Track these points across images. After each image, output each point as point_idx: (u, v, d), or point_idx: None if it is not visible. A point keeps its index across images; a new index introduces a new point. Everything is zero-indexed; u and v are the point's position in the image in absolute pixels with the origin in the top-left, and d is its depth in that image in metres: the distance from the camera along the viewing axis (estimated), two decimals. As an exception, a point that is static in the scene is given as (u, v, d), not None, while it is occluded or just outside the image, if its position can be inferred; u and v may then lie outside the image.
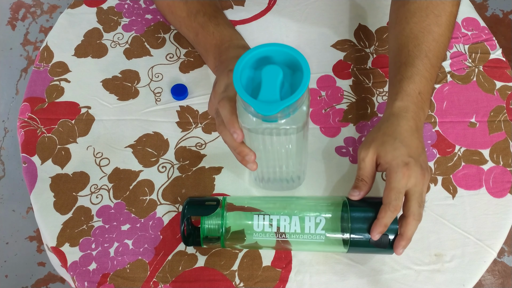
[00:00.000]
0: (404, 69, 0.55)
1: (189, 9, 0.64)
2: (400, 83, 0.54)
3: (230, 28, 0.63)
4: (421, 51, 0.56)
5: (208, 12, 0.64)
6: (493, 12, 1.61)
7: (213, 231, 0.55)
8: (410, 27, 0.57)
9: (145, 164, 0.66)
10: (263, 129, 0.47)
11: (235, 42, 0.61)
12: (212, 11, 0.64)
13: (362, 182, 0.53)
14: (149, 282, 0.59)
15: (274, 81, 0.43)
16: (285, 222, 0.54)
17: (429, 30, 0.56)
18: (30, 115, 0.69)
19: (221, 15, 0.65)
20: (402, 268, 0.59)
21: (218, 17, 0.63)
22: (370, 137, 0.54)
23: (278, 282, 0.59)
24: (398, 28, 0.58)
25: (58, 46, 0.75)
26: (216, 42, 0.61)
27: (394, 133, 0.52)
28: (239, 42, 0.61)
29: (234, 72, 0.43)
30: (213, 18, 0.63)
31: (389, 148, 0.51)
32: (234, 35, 0.62)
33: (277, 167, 0.57)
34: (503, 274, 1.26)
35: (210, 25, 0.62)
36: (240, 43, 0.61)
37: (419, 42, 0.56)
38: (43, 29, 1.60)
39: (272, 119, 0.45)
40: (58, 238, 0.61)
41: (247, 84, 0.45)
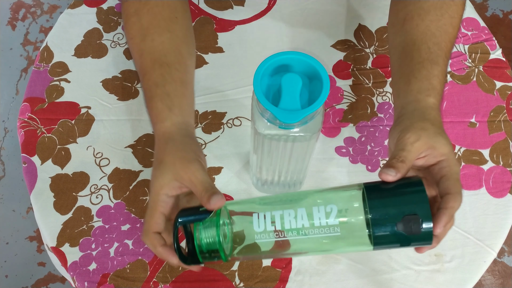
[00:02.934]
0: (429, 65, 0.53)
1: (141, 66, 0.55)
2: (430, 79, 0.52)
3: (163, 105, 0.52)
4: (441, 50, 0.54)
5: (152, 77, 0.53)
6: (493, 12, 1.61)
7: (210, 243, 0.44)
8: (426, 24, 0.55)
9: (145, 164, 0.66)
10: (279, 136, 0.47)
11: (160, 133, 0.51)
12: (157, 76, 0.53)
13: (402, 164, 0.45)
14: (149, 282, 0.59)
15: (294, 90, 0.44)
16: (290, 216, 0.44)
17: (446, 31, 0.55)
18: (30, 115, 0.69)
19: (165, 80, 0.53)
20: (402, 268, 0.59)
21: (159, 85, 0.53)
22: (414, 123, 0.48)
23: (278, 282, 0.59)
24: (410, 24, 0.56)
25: (58, 46, 0.75)
26: (151, 118, 0.54)
27: (442, 127, 0.49)
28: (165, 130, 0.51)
29: (255, 79, 0.44)
30: (153, 87, 0.53)
31: (444, 142, 0.47)
32: (163, 117, 0.51)
33: (282, 171, 0.57)
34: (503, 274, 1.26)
35: (147, 96, 0.54)
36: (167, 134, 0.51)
37: (438, 40, 0.54)
38: (43, 29, 1.60)
39: (289, 127, 0.45)
40: (58, 238, 0.61)
41: (267, 91, 0.45)
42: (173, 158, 0.47)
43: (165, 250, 0.47)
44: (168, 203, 0.47)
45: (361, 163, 0.66)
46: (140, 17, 0.56)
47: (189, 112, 0.54)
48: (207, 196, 0.43)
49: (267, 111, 0.44)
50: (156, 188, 0.47)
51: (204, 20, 0.77)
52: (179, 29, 0.57)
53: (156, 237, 0.47)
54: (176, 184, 0.47)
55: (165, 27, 0.56)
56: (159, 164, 0.48)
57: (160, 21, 0.56)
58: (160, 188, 0.47)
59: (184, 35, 0.58)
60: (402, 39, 0.56)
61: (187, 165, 0.46)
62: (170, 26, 0.56)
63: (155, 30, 0.55)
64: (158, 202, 0.47)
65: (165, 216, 0.48)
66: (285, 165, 0.55)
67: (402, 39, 0.57)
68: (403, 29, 0.57)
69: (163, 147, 0.49)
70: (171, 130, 0.50)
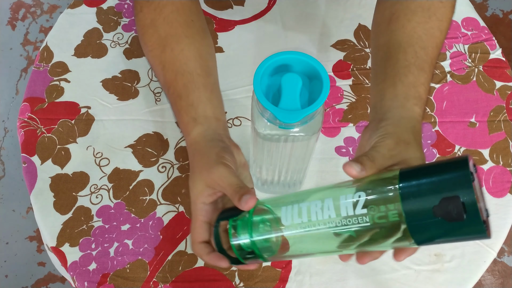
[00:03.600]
0: (416, 72, 0.51)
1: (164, 79, 0.56)
2: (416, 87, 0.50)
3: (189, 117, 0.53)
4: (428, 55, 0.52)
5: (176, 89, 0.55)
6: (493, 12, 1.61)
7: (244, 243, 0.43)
8: (413, 26, 0.53)
9: (145, 164, 0.66)
10: (279, 136, 0.47)
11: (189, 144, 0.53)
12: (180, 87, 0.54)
13: (371, 163, 0.41)
14: (149, 282, 0.59)
15: (294, 89, 0.44)
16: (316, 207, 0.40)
17: (432, 34, 0.53)
18: (30, 115, 0.69)
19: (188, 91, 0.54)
20: (402, 268, 0.59)
21: (183, 97, 0.54)
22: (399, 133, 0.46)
23: (278, 282, 0.59)
24: (395, 24, 0.54)
25: (58, 46, 0.75)
26: (182, 130, 0.55)
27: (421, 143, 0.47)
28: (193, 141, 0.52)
29: (255, 79, 0.44)
30: (178, 100, 0.54)
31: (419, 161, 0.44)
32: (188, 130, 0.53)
33: (282, 171, 0.57)
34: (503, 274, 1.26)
35: (173, 108, 0.56)
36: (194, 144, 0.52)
37: (425, 45, 0.52)
38: (43, 29, 1.60)
39: (289, 126, 0.45)
40: (58, 238, 0.61)
41: (266, 91, 0.45)
42: (199, 167, 0.49)
43: (212, 257, 0.47)
44: (207, 211, 0.48)
45: (361, 163, 0.66)
46: (157, 27, 0.56)
47: (217, 114, 0.54)
48: (238, 197, 0.43)
49: (267, 111, 0.44)
50: (193, 198, 0.49)
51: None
52: (196, 32, 0.57)
53: (201, 246, 0.48)
54: (209, 191, 0.48)
55: (182, 33, 0.56)
56: (191, 175, 0.50)
57: (177, 28, 0.56)
58: (196, 198, 0.48)
59: (201, 37, 0.58)
60: (387, 39, 0.54)
61: (212, 171, 0.47)
62: (187, 31, 0.56)
63: (173, 39, 0.55)
64: (197, 212, 0.48)
65: (208, 223, 0.48)
66: (285, 165, 0.55)
67: (387, 39, 0.55)
68: (389, 29, 0.55)
69: (192, 158, 0.51)
70: (197, 140, 0.52)
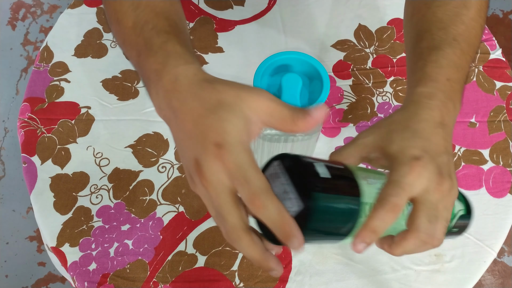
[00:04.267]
0: (427, 53, 0.45)
1: (137, 18, 0.44)
2: (423, 68, 0.44)
3: (183, 48, 0.40)
4: (447, 34, 0.46)
5: (158, 26, 0.42)
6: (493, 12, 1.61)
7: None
8: (432, 11, 0.48)
9: (145, 164, 0.66)
10: (279, 136, 0.47)
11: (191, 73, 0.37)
12: (164, 25, 0.43)
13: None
14: (149, 282, 0.59)
15: (294, 90, 0.44)
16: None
17: (456, 13, 0.47)
18: (30, 115, 0.69)
19: (176, 31, 0.43)
20: (402, 268, 0.59)
21: (171, 33, 0.42)
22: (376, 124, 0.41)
23: (278, 282, 0.59)
24: (417, 17, 0.50)
25: (58, 46, 0.75)
26: (157, 67, 0.39)
27: (407, 121, 0.39)
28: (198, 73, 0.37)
29: (255, 79, 0.43)
30: (163, 33, 0.42)
31: (396, 138, 0.38)
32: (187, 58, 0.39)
33: None
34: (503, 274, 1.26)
35: (155, 41, 0.41)
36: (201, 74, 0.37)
37: (445, 25, 0.46)
38: (43, 29, 1.60)
39: None
40: (58, 238, 0.61)
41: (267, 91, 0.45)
42: (235, 92, 0.34)
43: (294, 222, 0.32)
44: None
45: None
46: None
47: None
48: (302, 115, 0.33)
49: None
50: (236, 136, 0.32)
51: (204, 20, 0.77)
52: (178, 3, 0.48)
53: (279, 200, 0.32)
54: (253, 125, 0.34)
55: None
56: (218, 106, 0.33)
57: None
58: (241, 134, 0.33)
59: (180, 6, 0.49)
60: (411, 35, 0.50)
61: (257, 92, 0.34)
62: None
63: None
64: (250, 152, 0.33)
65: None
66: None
67: (411, 35, 0.50)
68: (411, 24, 0.51)
69: (209, 86, 0.35)
70: (205, 73, 0.38)
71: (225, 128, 0.32)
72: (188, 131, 0.35)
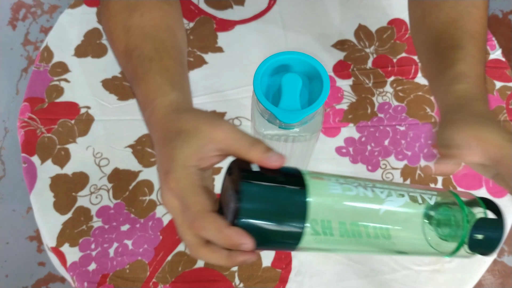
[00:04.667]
0: (451, 52, 0.47)
1: (127, 42, 0.46)
2: (453, 67, 0.45)
3: (162, 78, 0.42)
4: (465, 32, 0.48)
5: (144, 52, 0.44)
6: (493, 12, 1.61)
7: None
8: (446, 12, 0.50)
9: (145, 164, 0.66)
10: (279, 136, 0.47)
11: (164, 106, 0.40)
12: (150, 50, 0.44)
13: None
14: (148, 283, 0.59)
15: (294, 90, 0.44)
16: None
17: (468, 12, 0.50)
18: (30, 115, 0.69)
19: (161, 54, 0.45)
20: (402, 268, 0.59)
21: (154, 59, 0.44)
22: (453, 118, 0.42)
23: (278, 283, 0.59)
24: (430, 19, 0.52)
25: (58, 46, 0.75)
26: (141, 99, 0.43)
27: (485, 114, 0.42)
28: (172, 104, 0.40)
29: (255, 79, 0.43)
30: (146, 62, 0.44)
31: (492, 130, 0.39)
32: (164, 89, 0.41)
33: None
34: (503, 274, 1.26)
35: (139, 71, 0.43)
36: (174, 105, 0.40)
37: (460, 24, 0.49)
38: (43, 29, 1.60)
39: (289, 127, 0.45)
40: (57, 239, 0.61)
41: (266, 91, 0.45)
42: (196, 122, 0.36)
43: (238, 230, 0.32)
44: (200, 178, 0.35)
45: (361, 163, 0.66)
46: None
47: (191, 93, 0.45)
48: (261, 149, 0.34)
49: (267, 111, 0.44)
50: (180, 161, 0.34)
51: (204, 20, 0.77)
52: (172, 11, 0.49)
53: (216, 216, 0.33)
54: (207, 151, 0.35)
55: (156, 4, 0.47)
56: (175, 135, 0.36)
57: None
58: (186, 160, 0.34)
59: (177, 19, 0.50)
60: (425, 37, 0.52)
61: (218, 123, 0.35)
62: (162, 5, 0.48)
63: (145, 5, 0.47)
64: (192, 176, 0.34)
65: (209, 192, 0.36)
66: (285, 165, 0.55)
67: (424, 37, 0.52)
68: (424, 26, 0.52)
69: (175, 117, 0.38)
70: (179, 102, 0.40)
71: (173, 155, 0.35)
72: (156, 161, 0.38)
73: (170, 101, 0.40)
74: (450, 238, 0.37)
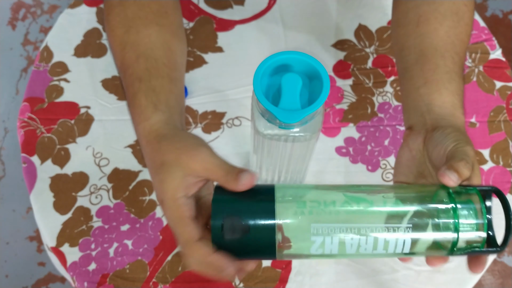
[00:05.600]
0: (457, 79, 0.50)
1: (123, 59, 0.49)
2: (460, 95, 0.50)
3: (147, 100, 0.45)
4: (461, 61, 0.51)
5: (135, 72, 0.47)
6: (493, 12, 1.61)
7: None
8: (445, 30, 0.51)
9: (145, 164, 0.66)
10: (279, 136, 0.47)
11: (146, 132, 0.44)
12: (141, 70, 0.47)
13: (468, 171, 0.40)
14: (148, 283, 0.59)
15: (294, 90, 0.44)
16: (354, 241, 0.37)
17: (462, 40, 0.52)
18: (30, 115, 0.69)
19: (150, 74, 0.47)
20: (402, 268, 0.59)
21: (143, 80, 0.46)
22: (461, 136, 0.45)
23: (278, 283, 0.59)
24: (426, 27, 0.52)
25: (57, 46, 0.75)
26: (132, 117, 0.47)
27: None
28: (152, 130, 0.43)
29: (255, 79, 0.43)
30: (136, 82, 0.46)
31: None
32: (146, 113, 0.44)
33: (282, 171, 0.57)
34: (503, 274, 1.26)
35: (130, 91, 0.47)
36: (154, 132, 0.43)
37: (458, 50, 0.51)
38: (43, 29, 1.60)
39: (289, 127, 0.45)
40: (57, 239, 0.61)
41: (266, 91, 0.45)
42: (174, 153, 0.40)
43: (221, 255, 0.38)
44: (191, 206, 0.40)
45: (361, 163, 0.66)
46: (125, 7, 0.50)
47: (177, 109, 0.48)
48: (233, 177, 0.37)
49: (267, 111, 0.44)
50: (169, 194, 0.39)
51: (204, 19, 0.77)
52: (169, 25, 0.52)
53: (204, 244, 0.38)
54: (190, 180, 0.39)
55: (153, 19, 0.50)
56: (160, 168, 0.40)
57: (148, 13, 0.50)
58: (175, 192, 0.39)
59: (174, 32, 0.52)
60: (418, 41, 0.53)
61: (194, 153, 0.39)
62: (159, 20, 0.50)
63: (142, 21, 0.49)
64: (180, 208, 0.39)
65: (196, 220, 0.40)
66: (285, 165, 0.55)
67: (417, 41, 0.53)
68: (418, 31, 0.53)
69: (156, 147, 0.42)
70: (158, 127, 0.43)
71: (163, 188, 0.39)
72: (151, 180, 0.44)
73: (151, 126, 0.44)
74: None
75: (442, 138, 0.44)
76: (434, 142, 0.45)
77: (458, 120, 0.48)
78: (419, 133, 0.48)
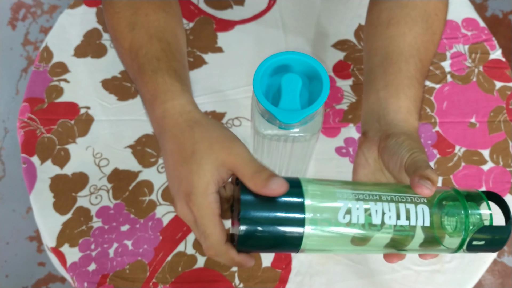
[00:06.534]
0: (417, 85, 0.50)
1: (132, 40, 0.47)
2: (417, 101, 0.50)
3: (172, 78, 0.43)
4: (424, 69, 0.51)
5: (150, 51, 0.45)
6: (493, 13, 1.61)
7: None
8: (413, 36, 0.52)
9: (145, 165, 0.66)
10: (279, 136, 0.47)
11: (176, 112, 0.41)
12: (157, 50, 0.45)
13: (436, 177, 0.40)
14: (148, 283, 0.59)
15: (294, 90, 0.44)
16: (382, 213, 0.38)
17: (428, 48, 0.53)
18: (29, 115, 0.69)
19: (168, 55, 0.46)
20: (402, 268, 0.59)
21: (161, 59, 0.45)
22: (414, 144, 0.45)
23: (278, 283, 0.59)
24: (396, 30, 0.53)
25: (57, 46, 0.75)
26: (149, 97, 0.44)
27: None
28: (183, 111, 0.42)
29: (254, 79, 0.43)
30: (154, 61, 0.45)
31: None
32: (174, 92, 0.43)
33: (282, 172, 0.57)
34: (503, 274, 1.26)
35: (147, 69, 0.44)
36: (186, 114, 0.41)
37: (422, 58, 0.52)
38: (43, 29, 1.60)
39: (289, 127, 0.45)
40: (57, 239, 0.61)
41: (266, 91, 0.45)
42: (208, 142, 0.38)
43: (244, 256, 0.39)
44: (219, 202, 0.38)
45: (361, 163, 0.66)
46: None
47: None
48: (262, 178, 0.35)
49: (267, 111, 0.44)
50: (201, 189, 0.37)
51: (204, 20, 0.77)
52: (174, 13, 0.51)
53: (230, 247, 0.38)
54: (222, 174, 0.38)
55: (160, 5, 0.49)
56: (191, 157, 0.38)
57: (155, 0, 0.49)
58: (207, 187, 0.37)
59: (178, 21, 0.51)
60: (385, 43, 0.53)
61: (230, 146, 0.38)
62: (165, 7, 0.49)
63: (149, 5, 0.48)
64: (212, 205, 0.37)
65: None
66: (285, 165, 0.55)
67: (385, 43, 0.53)
68: (387, 33, 0.53)
69: (188, 132, 0.39)
70: (191, 109, 0.41)
71: (193, 181, 0.37)
72: (169, 170, 0.41)
73: (182, 106, 0.42)
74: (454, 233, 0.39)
75: (397, 148, 0.44)
76: (389, 152, 0.44)
77: (410, 126, 0.48)
78: (373, 140, 0.47)
